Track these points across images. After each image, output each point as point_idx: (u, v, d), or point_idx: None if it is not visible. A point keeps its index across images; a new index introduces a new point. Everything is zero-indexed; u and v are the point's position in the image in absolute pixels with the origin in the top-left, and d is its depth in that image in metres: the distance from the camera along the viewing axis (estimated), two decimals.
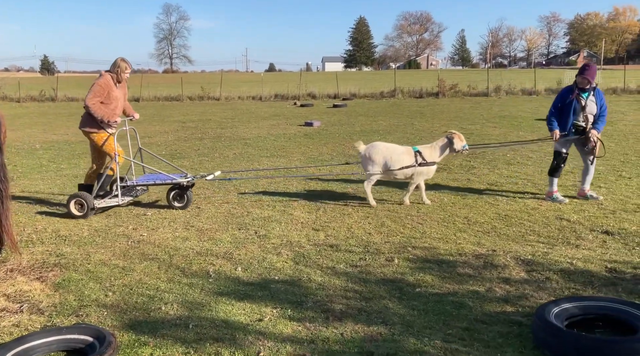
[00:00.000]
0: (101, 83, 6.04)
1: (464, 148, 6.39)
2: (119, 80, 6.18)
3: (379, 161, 6.23)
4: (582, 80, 6.24)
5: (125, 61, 6.22)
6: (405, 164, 6.16)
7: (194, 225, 5.68)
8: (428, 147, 6.34)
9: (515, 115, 17.02)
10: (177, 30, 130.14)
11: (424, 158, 6.20)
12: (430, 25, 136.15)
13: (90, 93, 6.02)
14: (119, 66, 6.16)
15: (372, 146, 6.38)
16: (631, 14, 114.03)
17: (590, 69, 6.32)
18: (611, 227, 5.32)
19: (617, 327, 3.20)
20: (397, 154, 6.22)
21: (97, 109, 5.99)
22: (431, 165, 6.24)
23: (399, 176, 6.27)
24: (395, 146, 6.38)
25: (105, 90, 6.04)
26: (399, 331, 3.33)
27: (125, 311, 3.68)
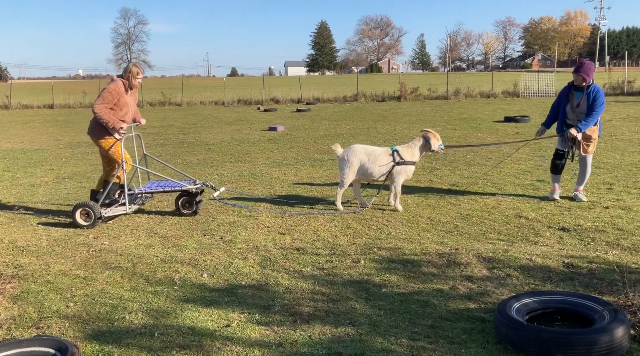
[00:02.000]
0: (111, 89, 5.87)
1: (440, 147, 6.37)
2: (130, 86, 6.03)
3: (356, 163, 6.18)
4: (576, 77, 6.13)
5: (138, 67, 6.07)
6: (383, 164, 6.15)
7: (157, 232, 5.59)
8: (406, 147, 6.30)
9: (475, 117, 17.43)
10: (136, 35, 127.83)
11: (402, 157, 6.19)
12: (391, 30, 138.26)
13: (99, 99, 5.84)
14: (131, 72, 6.01)
15: (350, 148, 6.32)
16: (582, 19, 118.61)
17: (584, 66, 6.12)
18: (567, 224, 5.52)
19: (575, 320, 3.33)
20: (375, 155, 6.19)
21: (104, 115, 5.83)
22: (410, 164, 6.21)
23: (376, 177, 6.22)
24: (374, 148, 6.35)
25: (115, 96, 5.87)
26: (366, 331, 3.37)
27: (88, 321, 3.59)
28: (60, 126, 18.73)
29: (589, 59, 7.34)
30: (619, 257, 4.50)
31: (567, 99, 6.34)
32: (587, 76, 6.07)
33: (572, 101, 6.25)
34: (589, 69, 6.10)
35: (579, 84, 6.15)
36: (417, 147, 6.29)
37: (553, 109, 6.59)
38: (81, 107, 28.12)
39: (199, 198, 6.23)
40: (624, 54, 43.73)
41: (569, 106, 6.30)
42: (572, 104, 6.25)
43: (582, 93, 6.15)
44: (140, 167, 6.42)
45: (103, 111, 5.83)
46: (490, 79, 29.99)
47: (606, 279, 4.03)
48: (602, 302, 3.28)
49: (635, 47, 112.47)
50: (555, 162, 6.52)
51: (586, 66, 6.12)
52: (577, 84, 6.18)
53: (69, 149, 12.46)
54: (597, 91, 6.11)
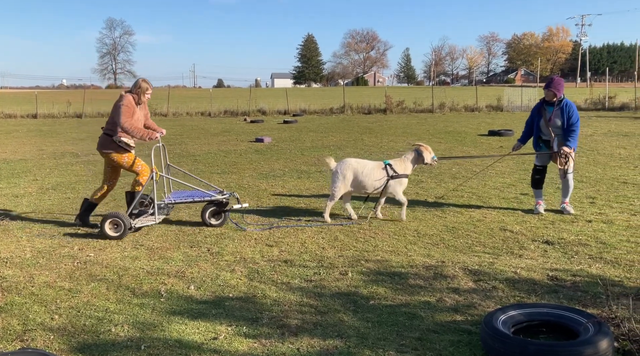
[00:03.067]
0: (126, 103, 5.86)
1: (434, 159, 6.48)
2: (139, 102, 6.02)
3: (350, 176, 6.24)
4: (547, 92, 6.32)
5: (147, 82, 6.08)
6: (376, 178, 6.22)
7: (143, 244, 5.55)
8: (399, 160, 6.40)
9: (459, 130, 17.63)
10: (121, 45, 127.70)
11: (395, 171, 6.27)
12: (377, 44, 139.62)
13: (121, 116, 5.82)
14: (140, 87, 6.01)
15: (343, 162, 6.38)
16: (564, 35, 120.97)
17: (554, 82, 6.33)
18: (551, 237, 5.60)
19: (560, 332, 3.37)
20: (369, 169, 6.26)
21: (134, 130, 5.83)
22: (403, 177, 6.32)
23: (369, 190, 6.29)
24: (366, 162, 6.42)
25: (132, 110, 5.87)
26: (354, 343, 3.38)
27: (73, 334, 3.55)
28: (44, 136, 18.53)
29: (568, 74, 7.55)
30: (602, 270, 4.58)
31: (540, 115, 6.50)
32: (557, 91, 6.27)
33: (544, 116, 6.41)
34: (559, 85, 6.33)
35: (550, 99, 6.36)
36: (410, 161, 6.41)
37: (527, 125, 6.74)
38: (65, 117, 27.87)
39: (226, 209, 6.21)
40: (604, 70, 44.62)
41: (542, 121, 6.45)
42: (545, 119, 6.41)
43: (553, 108, 6.34)
44: (169, 177, 6.44)
45: (132, 126, 5.84)
46: (474, 93, 30.38)
47: (590, 292, 4.09)
48: (586, 315, 3.33)
49: (616, 64, 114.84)
50: (535, 178, 6.66)
51: (556, 82, 6.35)
52: (548, 99, 6.38)
53: (53, 159, 12.33)
54: (570, 106, 6.32)
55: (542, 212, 6.53)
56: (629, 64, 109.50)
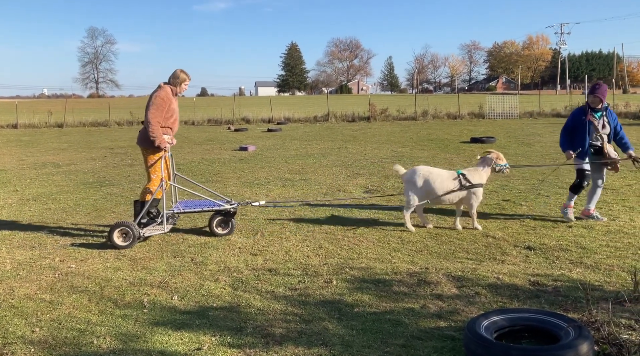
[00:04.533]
0: (162, 96, 5.79)
1: (505, 167, 6.25)
2: (176, 93, 5.98)
3: (421, 184, 6.09)
4: (594, 99, 6.20)
5: (185, 72, 6.01)
6: (449, 189, 6.01)
7: (126, 254, 5.50)
8: (472, 170, 6.21)
9: (442, 138, 17.79)
10: (103, 54, 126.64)
11: (469, 181, 6.05)
12: (360, 52, 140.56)
13: (152, 107, 5.74)
14: (179, 77, 5.95)
15: (414, 170, 6.23)
16: (544, 43, 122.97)
17: (601, 88, 6.23)
18: (533, 242, 5.67)
19: (542, 337, 3.41)
20: (442, 179, 6.07)
21: (155, 128, 5.75)
22: (478, 187, 6.08)
23: (444, 202, 6.13)
24: (440, 170, 6.25)
25: (167, 102, 5.81)
26: (338, 351, 3.38)
27: (54, 347, 3.50)
28: (25, 146, 18.28)
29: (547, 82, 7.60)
30: (582, 275, 4.65)
31: (588, 122, 6.27)
32: (603, 96, 6.19)
33: (595, 123, 6.27)
34: (605, 91, 6.27)
35: (596, 106, 6.25)
36: (483, 169, 6.18)
37: (567, 132, 6.47)
38: (46, 127, 27.54)
39: (234, 218, 6.19)
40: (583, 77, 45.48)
41: (592, 128, 6.28)
42: (595, 125, 6.26)
43: (601, 114, 6.28)
44: (179, 187, 6.42)
45: (156, 123, 5.75)
46: (456, 100, 30.70)
47: (570, 297, 4.15)
48: (567, 319, 3.38)
49: (595, 71, 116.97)
50: (582, 184, 6.41)
51: (603, 88, 6.26)
52: (594, 105, 6.26)
53: (33, 170, 12.17)
54: (612, 113, 6.38)
55: (571, 218, 6.45)
56: (607, 71, 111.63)
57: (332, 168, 11.33)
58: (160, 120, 5.80)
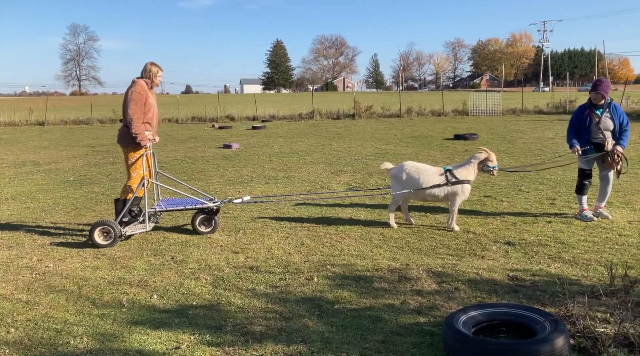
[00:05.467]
0: (138, 90, 5.70)
1: (495, 169, 6.16)
2: (151, 86, 5.89)
3: (407, 179, 6.09)
4: (595, 95, 6.17)
5: (157, 65, 5.93)
6: (435, 183, 5.98)
7: (105, 253, 5.44)
8: (460, 166, 6.16)
9: (426, 135, 17.87)
10: (86, 51, 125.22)
11: (455, 177, 6.01)
12: (345, 49, 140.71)
13: (131, 103, 5.66)
14: (151, 71, 5.87)
15: (401, 165, 6.24)
16: (527, 41, 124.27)
17: (602, 84, 6.18)
18: (512, 238, 5.72)
19: (519, 331, 3.45)
20: (428, 174, 6.07)
21: (138, 126, 5.68)
22: (464, 183, 6.02)
23: (429, 198, 6.10)
24: (426, 166, 6.23)
25: (144, 96, 5.72)
26: (318, 348, 3.38)
27: (30, 347, 3.45)
28: (4, 144, 17.99)
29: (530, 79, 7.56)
30: (560, 269, 4.70)
31: (588, 118, 6.29)
32: (605, 93, 6.14)
33: (595, 119, 6.25)
34: (607, 87, 6.19)
35: (598, 102, 6.21)
36: (471, 166, 6.12)
37: (573, 129, 6.47)
38: (27, 125, 27.12)
39: (217, 216, 6.15)
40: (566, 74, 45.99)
41: (593, 125, 6.27)
42: (595, 122, 6.24)
43: (602, 110, 6.22)
44: (161, 185, 6.36)
45: (137, 119, 5.69)
46: (441, 98, 30.86)
47: (548, 291, 4.19)
48: (543, 313, 3.41)
49: (577, 68, 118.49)
50: (583, 183, 6.40)
51: (604, 84, 6.20)
52: (596, 102, 6.22)
53: (13, 168, 11.98)
54: (618, 108, 6.27)
55: (594, 218, 6.31)
56: (589, 68, 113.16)
57: (315, 166, 11.32)
58: (141, 116, 5.73)
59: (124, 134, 5.84)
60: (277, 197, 8.00)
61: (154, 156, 6.25)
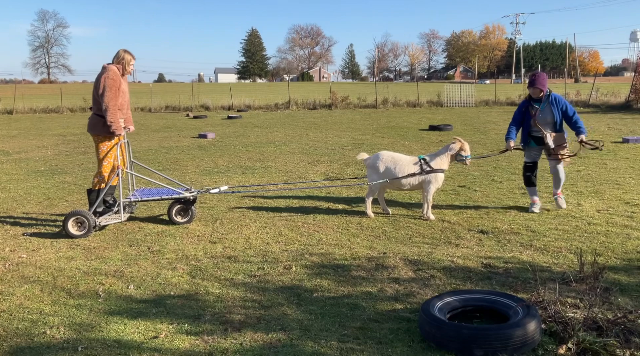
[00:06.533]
0: (112, 76, 5.55)
1: (467, 158, 6.28)
2: (122, 74, 5.74)
3: (383, 169, 6.16)
4: (533, 90, 6.25)
5: (130, 53, 5.78)
6: (410, 172, 6.07)
7: (79, 244, 5.37)
8: (434, 155, 6.24)
9: (402, 125, 18.02)
10: (55, 39, 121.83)
11: (430, 165, 6.10)
12: (321, 39, 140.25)
13: (107, 91, 5.51)
14: (124, 58, 5.73)
15: (377, 155, 6.30)
16: (500, 33, 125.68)
17: (538, 79, 6.24)
18: (486, 227, 5.84)
19: (492, 316, 3.54)
20: (404, 163, 6.14)
21: (113, 114, 5.54)
22: (438, 172, 6.11)
23: (404, 187, 6.19)
24: (401, 155, 6.31)
25: (117, 82, 5.57)
26: (297, 336, 3.42)
27: (5, 338, 3.40)
28: None
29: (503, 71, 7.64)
30: (531, 257, 4.83)
31: (528, 112, 6.39)
32: (543, 86, 6.20)
33: (532, 113, 6.33)
34: (543, 80, 6.26)
35: (537, 96, 6.29)
36: (445, 155, 6.20)
37: (515, 121, 6.53)
38: None
39: (194, 206, 6.09)
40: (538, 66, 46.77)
41: (530, 117, 6.36)
42: (533, 116, 6.33)
43: (541, 104, 6.28)
44: (136, 175, 6.29)
45: (113, 107, 5.56)
46: (416, 89, 31.09)
47: (520, 278, 4.31)
48: (516, 299, 3.51)
49: (548, 60, 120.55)
50: (526, 175, 6.53)
51: (540, 78, 6.26)
52: (535, 96, 6.30)
53: None
54: (559, 99, 6.29)
55: (536, 211, 6.36)
56: (560, 61, 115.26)
57: (292, 156, 11.32)
58: (116, 103, 5.63)
59: (95, 122, 5.73)
60: (254, 187, 7.99)
61: (128, 145, 6.17)
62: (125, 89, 5.85)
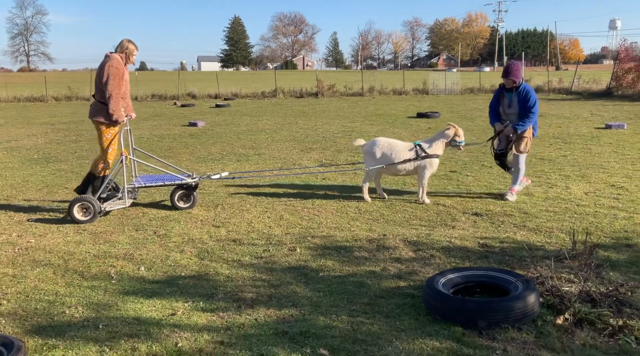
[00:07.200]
0: (116, 64, 5.59)
1: (461, 144, 6.41)
2: (126, 62, 5.79)
3: (380, 155, 6.31)
4: (507, 81, 6.30)
5: (133, 43, 5.81)
6: (406, 158, 6.22)
7: (86, 229, 5.46)
8: (429, 142, 6.37)
9: (389, 113, 18.20)
10: (34, 26, 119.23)
11: (425, 151, 6.25)
12: (305, 27, 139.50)
13: (111, 79, 5.55)
14: (128, 48, 5.77)
15: (374, 141, 6.44)
16: (482, 20, 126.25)
17: (512, 69, 6.29)
18: (479, 209, 6.05)
19: (493, 291, 3.74)
20: (400, 149, 6.28)
21: (116, 103, 5.59)
22: (433, 157, 6.27)
23: (400, 172, 6.35)
24: (397, 142, 6.44)
25: (121, 71, 5.62)
26: (308, 311, 3.58)
27: (25, 318, 3.51)
28: None
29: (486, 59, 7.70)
30: (525, 237, 5.05)
31: (499, 101, 6.53)
32: (516, 77, 6.23)
33: (503, 103, 6.47)
34: (517, 71, 6.30)
35: (510, 86, 6.32)
36: (440, 141, 6.34)
37: (492, 108, 6.66)
38: None
39: (195, 192, 6.21)
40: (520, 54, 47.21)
41: (501, 108, 6.51)
42: (503, 105, 6.48)
43: (512, 94, 6.34)
44: (139, 161, 6.40)
45: (116, 95, 5.61)
46: (401, 77, 31.29)
47: (516, 256, 4.52)
48: (515, 275, 3.71)
49: (530, 48, 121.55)
50: (498, 163, 6.71)
51: (513, 68, 6.31)
52: (508, 86, 6.34)
53: None
54: (528, 91, 6.26)
55: (511, 200, 6.36)
56: (542, 49, 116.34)
57: (285, 143, 11.44)
58: (120, 92, 5.70)
59: (99, 109, 5.78)
60: (255, 172, 8.11)
61: (130, 132, 6.24)
62: (127, 78, 5.91)
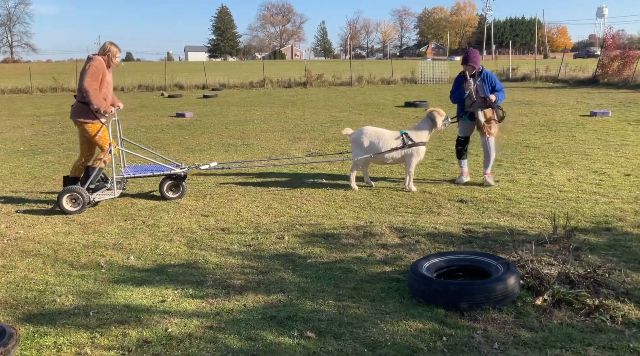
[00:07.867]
0: (96, 64, 5.59)
1: (445, 122, 6.51)
2: (108, 65, 5.78)
3: (367, 144, 6.38)
4: (467, 67, 6.50)
5: (116, 45, 5.82)
6: (393, 147, 6.29)
7: (74, 219, 5.49)
8: (415, 129, 6.49)
9: (378, 102, 18.26)
10: (17, 16, 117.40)
11: (412, 139, 6.35)
12: (292, 16, 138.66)
13: (87, 76, 5.53)
14: (110, 51, 5.77)
15: (361, 130, 6.50)
16: (471, 9, 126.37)
17: (471, 56, 6.50)
18: (465, 196, 6.16)
19: (475, 274, 3.84)
20: (387, 138, 6.35)
21: (93, 96, 5.56)
22: (420, 145, 6.37)
23: (388, 160, 6.43)
24: (384, 131, 6.52)
25: (100, 72, 5.62)
26: (296, 296, 3.66)
27: (16, 306, 3.56)
28: None
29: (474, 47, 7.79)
30: (509, 222, 5.16)
31: (462, 88, 6.65)
32: (475, 64, 6.47)
33: (466, 90, 6.56)
34: (476, 57, 6.52)
35: (470, 73, 6.53)
36: (425, 128, 6.46)
37: (453, 94, 6.80)
38: None
39: (184, 182, 6.24)
40: (508, 42, 47.42)
41: (465, 94, 6.63)
42: (471, 92, 6.55)
43: (475, 80, 6.52)
44: (128, 152, 6.40)
45: (93, 91, 5.60)
46: (390, 66, 31.31)
47: (499, 241, 4.63)
48: (496, 258, 3.82)
49: (518, 37, 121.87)
50: (458, 148, 6.93)
51: (472, 55, 6.52)
52: (469, 73, 6.54)
53: None
54: (491, 76, 6.57)
55: (463, 181, 6.73)
56: (530, 37, 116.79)
57: (273, 133, 11.47)
58: (97, 88, 5.70)
59: (79, 108, 5.77)
60: (244, 162, 8.15)
61: (118, 123, 6.26)
62: (110, 80, 5.93)
